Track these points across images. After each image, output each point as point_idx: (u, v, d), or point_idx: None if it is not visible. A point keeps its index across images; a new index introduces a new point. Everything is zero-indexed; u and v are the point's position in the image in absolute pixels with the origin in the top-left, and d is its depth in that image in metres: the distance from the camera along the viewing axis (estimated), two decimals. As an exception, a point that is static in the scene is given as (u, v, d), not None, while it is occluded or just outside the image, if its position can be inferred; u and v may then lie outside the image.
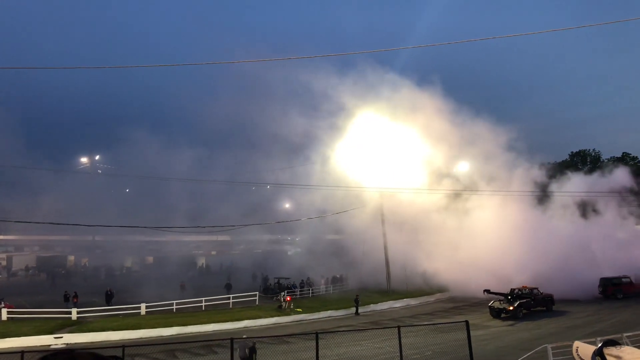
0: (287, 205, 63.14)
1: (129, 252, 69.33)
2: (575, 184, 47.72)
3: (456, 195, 46.62)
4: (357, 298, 37.88)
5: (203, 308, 37.91)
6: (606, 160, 69.83)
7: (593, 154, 74.77)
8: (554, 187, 48.18)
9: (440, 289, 43.87)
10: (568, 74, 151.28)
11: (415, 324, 29.33)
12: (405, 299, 41.90)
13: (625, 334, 16.51)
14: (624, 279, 38.78)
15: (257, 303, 40.59)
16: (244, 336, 22.25)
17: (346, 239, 52.01)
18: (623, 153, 72.89)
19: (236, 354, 18.19)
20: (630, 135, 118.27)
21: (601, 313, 32.31)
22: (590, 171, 57.60)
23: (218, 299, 40.01)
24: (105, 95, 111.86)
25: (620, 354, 2.04)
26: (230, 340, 17.66)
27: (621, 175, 48.97)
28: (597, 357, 2.07)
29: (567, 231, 42.58)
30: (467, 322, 17.94)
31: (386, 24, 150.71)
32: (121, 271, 65.21)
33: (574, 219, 45.41)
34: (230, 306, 39.15)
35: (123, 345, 17.34)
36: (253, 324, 32.42)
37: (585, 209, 47.24)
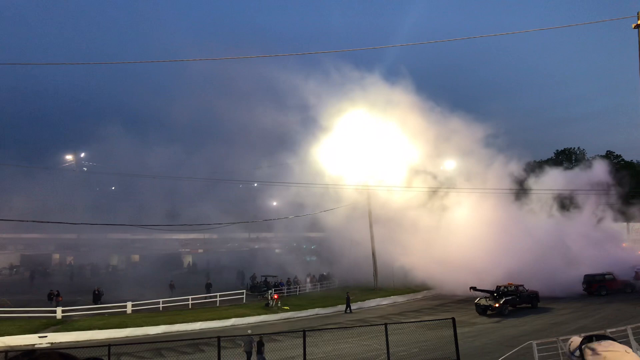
0: (274, 203, 63.07)
1: (114, 250, 68.86)
2: (553, 179, 48.06)
3: (438, 193, 46.81)
4: (349, 296, 37.93)
5: (190, 306, 37.74)
6: (591, 159, 70.61)
7: (578, 152, 75.47)
8: (532, 182, 48.46)
9: (427, 287, 44.07)
10: (555, 72, 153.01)
11: (403, 321, 29.47)
12: (392, 296, 42.08)
13: (608, 330, 16.73)
14: (607, 276, 39.27)
15: (244, 301, 40.53)
16: (249, 331, 22.70)
17: (332, 237, 52.07)
18: (607, 151, 73.70)
19: (232, 351, 18.27)
20: (614, 134, 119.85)
21: (585, 309, 32.69)
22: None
23: (205, 297, 39.91)
24: (84, 93, 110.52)
25: (596, 347, 2.05)
26: (217, 338, 17.62)
27: (599, 170, 49.49)
28: (577, 352, 2.09)
29: (545, 228, 43.14)
30: (453, 319, 18.07)
31: (373, 24, 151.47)
32: (107, 269, 64.61)
33: (554, 215, 46.02)
34: (217, 304, 39.04)
35: (109, 344, 17.24)
36: (240, 322, 32.33)
37: (564, 204, 47.84)
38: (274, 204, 61.40)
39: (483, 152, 47.08)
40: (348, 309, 36.94)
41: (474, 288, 33.03)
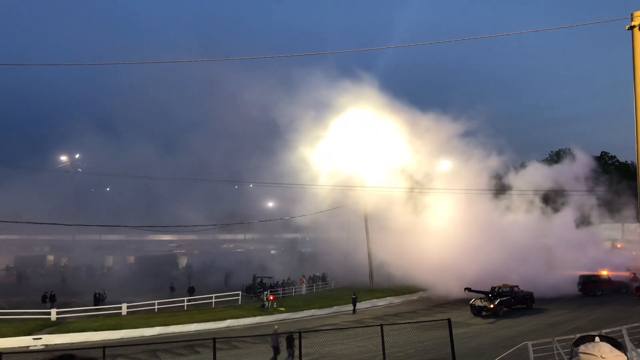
0: (270, 204, 63.08)
1: (109, 251, 68.74)
2: (535, 174, 48.36)
3: (428, 194, 46.77)
4: (355, 296, 37.76)
5: (185, 308, 37.64)
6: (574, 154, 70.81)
7: (572, 153, 75.60)
8: (513, 178, 48.73)
9: (422, 288, 43.96)
10: (552, 73, 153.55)
11: (399, 322, 29.47)
12: (388, 297, 42.08)
13: (604, 330, 16.77)
14: (602, 276, 39.46)
15: (239, 302, 40.44)
16: (275, 327, 23.36)
17: (326, 238, 52.02)
18: (602, 152, 73.96)
19: (228, 353, 18.33)
20: (610, 135, 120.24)
21: (580, 310, 32.81)
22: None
23: (200, 298, 39.74)
24: (72, 94, 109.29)
25: (581, 347, 2.08)
26: (212, 340, 17.56)
27: (583, 164, 49.69)
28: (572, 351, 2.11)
29: (533, 227, 43.47)
30: (449, 320, 18.07)
31: (366, 25, 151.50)
32: (102, 271, 64.41)
33: (547, 214, 46.28)
34: (213, 305, 38.93)
35: (104, 346, 17.16)
36: (236, 324, 32.28)
37: (554, 202, 48.07)
38: (270, 204, 61.40)
39: (478, 153, 47.15)
40: (354, 309, 36.89)
41: (468, 289, 33.06)
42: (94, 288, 39.31)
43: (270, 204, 63.83)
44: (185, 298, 38.83)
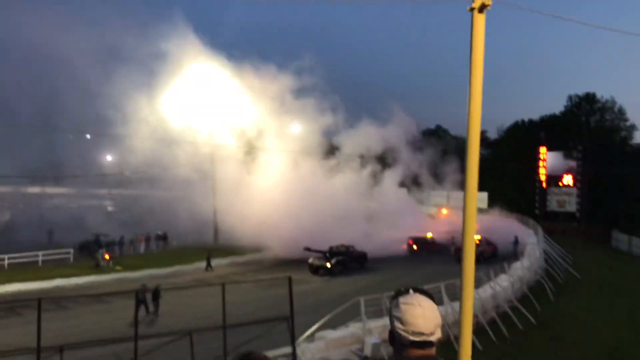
0: (108, 158, 58.92)
1: None
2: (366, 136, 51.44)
3: (263, 153, 47.63)
4: (209, 255, 37.59)
5: (6, 267, 34.14)
6: (422, 132, 77.03)
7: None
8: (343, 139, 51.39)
9: (264, 247, 44.12)
10: (396, 47, 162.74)
11: (241, 280, 29.78)
12: (231, 257, 42.13)
13: (426, 286, 18.58)
14: (428, 239, 43.62)
15: (71, 261, 37.74)
16: (143, 283, 23.26)
17: (170, 195, 50.28)
18: (437, 125, 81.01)
19: (56, 314, 16.91)
20: (445, 110, 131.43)
21: (407, 269, 36.01)
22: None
23: (25, 256, 36.21)
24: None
25: (400, 299, 2.32)
26: (37, 300, 16.14)
27: (408, 127, 54.30)
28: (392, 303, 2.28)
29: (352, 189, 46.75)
30: (289, 277, 18.64)
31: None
32: None
33: (368, 178, 49.93)
34: (40, 264, 35.82)
35: None
36: (66, 283, 30.16)
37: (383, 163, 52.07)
38: (108, 159, 57.41)
39: (312, 112, 48.50)
40: (209, 267, 36.65)
41: (307, 248, 34.45)
42: None
43: (108, 158, 59.66)
44: (6, 256, 35.12)
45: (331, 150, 51.09)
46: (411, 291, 2.36)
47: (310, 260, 35.05)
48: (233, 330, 14.59)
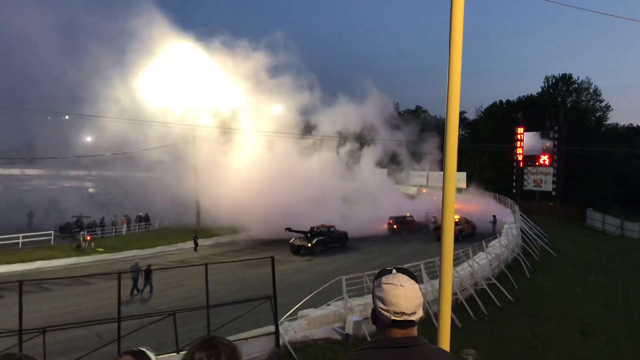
0: (88, 139, 57.93)
1: None
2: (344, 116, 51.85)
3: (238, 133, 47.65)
4: (196, 235, 38.10)
5: (-15, 250, 33.78)
6: (402, 112, 77.40)
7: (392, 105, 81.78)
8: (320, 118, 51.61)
9: (246, 228, 43.94)
10: (380, 27, 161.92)
11: (223, 260, 29.88)
12: (214, 237, 42.17)
13: (406, 265, 18.97)
14: (408, 218, 44.16)
15: (52, 243, 37.45)
16: (136, 261, 24.12)
17: (147, 176, 49.93)
18: (416, 106, 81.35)
19: (38, 295, 17.04)
20: (425, 90, 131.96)
21: (388, 247, 36.49)
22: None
23: (5, 238, 35.80)
24: None
25: (382, 279, 2.38)
26: (19, 282, 16.10)
27: (385, 106, 54.64)
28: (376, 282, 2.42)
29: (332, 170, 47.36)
30: (272, 257, 18.84)
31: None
32: None
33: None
34: (20, 246, 35.48)
35: None
36: (47, 265, 30.00)
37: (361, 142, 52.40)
38: (88, 139, 56.54)
39: (288, 92, 48.40)
40: (196, 247, 37.10)
41: (289, 229, 34.55)
42: None
43: (88, 139, 58.74)
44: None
45: (308, 129, 51.07)
46: (394, 271, 2.42)
47: (292, 241, 35.28)
48: (217, 310, 14.78)
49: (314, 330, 16.34)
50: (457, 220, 37.58)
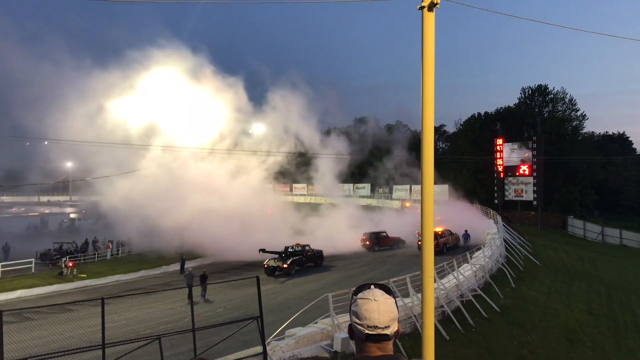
0: (68, 164, 57.43)
1: None
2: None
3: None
4: (184, 257, 37.79)
5: (-37, 280, 33.09)
6: (383, 127, 77.97)
7: (373, 120, 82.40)
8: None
9: (218, 251, 42.96)
10: (363, 44, 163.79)
11: (211, 282, 29.62)
12: (198, 259, 41.85)
13: (392, 280, 19.03)
14: (382, 234, 44.08)
15: (33, 271, 36.82)
16: (189, 268, 26.42)
17: (136, 202, 49.49)
18: (397, 121, 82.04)
19: (19, 326, 16.52)
20: (409, 104, 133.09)
21: (365, 266, 35.88)
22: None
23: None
24: None
25: (358, 295, 2.40)
26: None
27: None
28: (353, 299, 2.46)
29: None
30: (257, 277, 18.75)
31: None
32: None
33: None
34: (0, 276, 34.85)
35: None
36: (28, 294, 29.50)
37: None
38: (68, 164, 56.01)
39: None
40: (182, 270, 36.27)
41: (263, 250, 33.74)
42: None
43: (68, 164, 58.18)
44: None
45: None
46: (372, 286, 2.45)
47: (266, 262, 34.36)
48: (204, 332, 14.64)
49: (301, 349, 16.23)
50: (440, 232, 37.74)
